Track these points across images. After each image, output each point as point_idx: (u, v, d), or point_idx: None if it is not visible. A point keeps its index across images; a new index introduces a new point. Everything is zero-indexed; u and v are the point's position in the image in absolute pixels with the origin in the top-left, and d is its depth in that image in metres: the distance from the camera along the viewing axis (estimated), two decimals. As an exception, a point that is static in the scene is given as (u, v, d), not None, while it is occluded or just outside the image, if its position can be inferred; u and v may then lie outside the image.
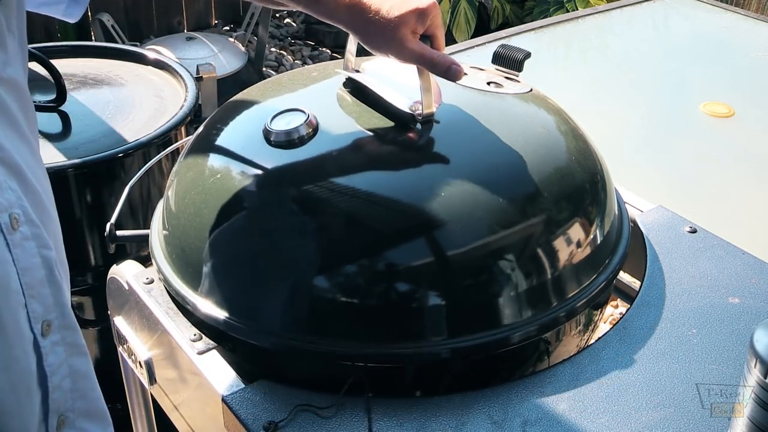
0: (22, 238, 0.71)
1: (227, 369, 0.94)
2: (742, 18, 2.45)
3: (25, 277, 0.72)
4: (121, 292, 1.10)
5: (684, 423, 0.85)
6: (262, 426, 0.84)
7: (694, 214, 1.21)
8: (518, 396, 0.88)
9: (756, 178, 1.69)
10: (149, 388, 1.11)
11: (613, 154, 1.79)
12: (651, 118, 1.95)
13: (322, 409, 0.86)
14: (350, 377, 0.87)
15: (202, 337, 0.97)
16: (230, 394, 0.88)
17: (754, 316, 1.00)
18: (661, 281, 1.06)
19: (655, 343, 0.96)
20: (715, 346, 0.96)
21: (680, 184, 1.67)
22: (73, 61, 1.96)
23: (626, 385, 0.90)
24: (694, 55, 2.27)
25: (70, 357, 0.79)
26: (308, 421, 0.85)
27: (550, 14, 4.07)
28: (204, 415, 0.98)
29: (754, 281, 1.06)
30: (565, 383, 0.90)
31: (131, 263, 1.12)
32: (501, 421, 0.85)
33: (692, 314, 1.00)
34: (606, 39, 2.42)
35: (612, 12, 2.46)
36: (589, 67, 2.26)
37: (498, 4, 4.46)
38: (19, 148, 0.73)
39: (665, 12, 2.50)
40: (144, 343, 1.08)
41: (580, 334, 1.07)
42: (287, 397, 0.87)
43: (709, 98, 1.96)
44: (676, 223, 1.17)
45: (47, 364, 0.76)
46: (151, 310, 1.03)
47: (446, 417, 0.85)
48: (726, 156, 1.79)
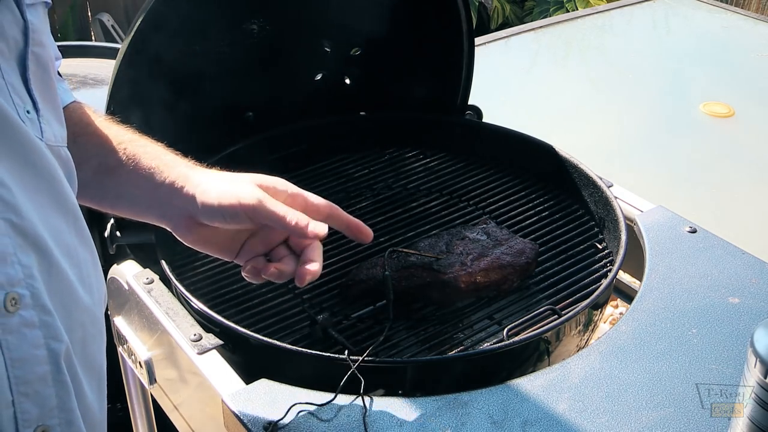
0: (22, 323, 0.60)
1: (227, 369, 0.94)
2: (742, 18, 2.45)
3: (18, 370, 0.60)
4: (121, 292, 1.10)
5: (684, 423, 0.85)
6: (262, 426, 0.84)
7: (694, 214, 1.21)
8: (518, 396, 0.88)
9: (756, 178, 1.69)
10: (149, 388, 1.11)
11: (614, 154, 1.79)
12: (651, 118, 1.95)
13: (321, 408, 0.86)
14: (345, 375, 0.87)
15: (202, 337, 0.97)
16: (230, 394, 0.88)
17: (754, 316, 1.00)
18: (661, 281, 1.06)
19: (655, 343, 0.96)
20: (715, 346, 0.96)
21: (680, 184, 1.67)
22: (73, 61, 1.96)
23: (626, 385, 0.90)
24: (694, 55, 2.27)
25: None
26: (308, 421, 0.85)
27: (550, 14, 4.07)
28: (204, 415, 0.98)
29: (754, 281, 1.06)
30: (565, 383, 0.90)
31: (131, 263, 1.12)
32: (501, 421, 0.85)
33: (692, 314, 1.00)
34: (606, 39, 2.42)
35: (612, 12, 2.46)
36: (589, 67, 2.27)
37: (498, 4, 4.46)
38: (50, 220, 0.63)
39: (665, 12, 2.50)
40: (144, 343, 1.08)
41: (580, 334, 1.07)
42: (287, 397, 0.87)
43: (709, 98, 1.96)
44: (676, 223, 1.17)
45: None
46: (151, 310, 1.03)
47: (446, 417, 0.85)
48: (726, 156, 1.79)
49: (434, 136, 1.47)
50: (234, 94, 1.33)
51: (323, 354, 0.94)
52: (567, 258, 1.18)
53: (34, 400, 0.61)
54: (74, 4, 3.96)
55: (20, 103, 0.62)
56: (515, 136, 1.39)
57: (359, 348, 0.98)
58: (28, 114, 0.63)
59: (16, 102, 0.62)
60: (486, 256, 1.11)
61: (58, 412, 0.64)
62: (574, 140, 1.59)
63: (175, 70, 1.21)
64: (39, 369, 0.61)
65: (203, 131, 1.27)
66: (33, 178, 0.62)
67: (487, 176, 1.39)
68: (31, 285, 0.61)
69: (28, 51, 0.64)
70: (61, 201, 0.65)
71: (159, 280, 1.08)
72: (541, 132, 1.39)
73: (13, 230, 0.59)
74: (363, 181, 1.39)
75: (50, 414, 0.63)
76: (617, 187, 1.27)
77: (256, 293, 1.11)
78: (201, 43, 1.22)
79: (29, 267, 0.61)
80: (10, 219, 0.59)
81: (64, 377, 0.64)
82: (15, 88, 0.62)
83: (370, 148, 1.46)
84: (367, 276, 1.10)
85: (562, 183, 1.32)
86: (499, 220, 1.27)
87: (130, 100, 1.15)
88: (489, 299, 1.12)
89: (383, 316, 1.07)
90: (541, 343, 1.00)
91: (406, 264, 1.11)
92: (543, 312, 1.06)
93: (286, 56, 1.36)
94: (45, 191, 0.63)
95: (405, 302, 1.09)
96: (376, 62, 1.46)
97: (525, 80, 2.17)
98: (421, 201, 1.34)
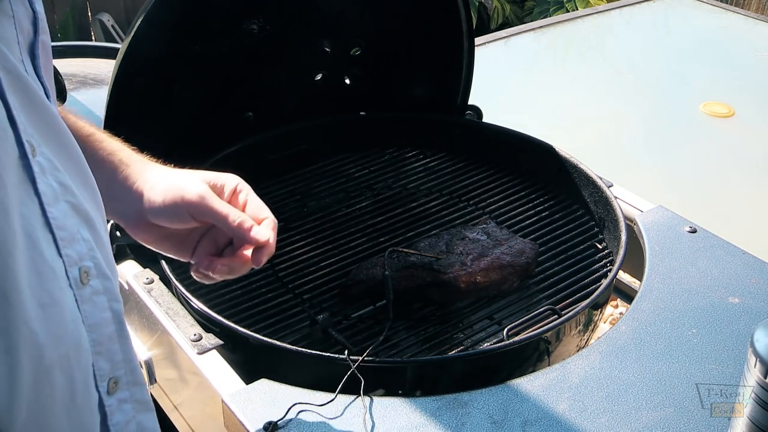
0: (93, 292, 0.66)
1: (227, 369, 0.94)
2: (742, 18, 2.45)
3: (94, 334, 0.66)
4: (121, 292, 1.09)
5: (684, 423, 0.85)
6: (262, 426, 0.84)
7: (694, 214, 1.21)
8: (518, 396, 0.88)
9: (756, 178, 1.69)
10: (149, 388, 1.11)
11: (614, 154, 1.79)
12: (651, 118, 1.95)
13: (321, 408, 0.86)
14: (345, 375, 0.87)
15: (202, 337, 0.97)
16: (230, 394, 0.88)
17: (754, 316, 1.00)
18: (661, 281, 1.06)
19: (655, 343, 0.96)
20: (715, 346, 0.96)
21: (680, 184, 1.67)
22: (73, 61, 1.96)
23: (626, 385, 0.90)
24: (694, 55, 2.27)
25: (139, 414, 0.74)
26: (308, 421, 0.85)
27: (550, 14, 4.07)
28: (204, 415, 0.98)
29: (754, 281, 1.06)
30: (565, 383, 0.90)
31: (131, 263, 1.12)
32: (501, 421, 0.85)
33: (692, 314, 1.00)
34: (606, 39, 2.42)
35: (612, 12, 2.46)
36: (589, 66, 2.27)
37: (498, 4, 4.46)
38: (86, 197, 0.67)
39: (665, 12, 2.50)
40: (144, 343, 1.08)
41: (580, 334, 1.07)
42: (287, 397, 0.87)
43: (709, 98, 1.96)
44: (676, 223, 1.17)
45: (112, 423, 0.71)
46: (151, 310, 1.03)
47: (446, 417, 0.85)
48: (726, 156, 1.79)
49: (434, 136, 1.47)
50: (234, 94, 1.33)
51: (323, 354, 0.94)
52: (567, 258, 1.18)
53: (106, 357, 0.68)
54: (74, 4, 3.96)
55: (41, 91, 0.64)
56: (515, 136, 1.39)
57: (359, 348, 0.98)
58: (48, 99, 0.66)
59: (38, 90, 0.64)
60: (486, 256, 1.11)
61: (124, 364, 0.71)
62: (574, 140, 1.59)
63: (175, 70, 1.22)
64: (107, 329, 0.68)
65: (203, 131, 1.27)
66: (67, 158, 0.66)
67: (487, 176, 1.40)
68: (94, 256, 0.66)
69: (38, 40, 0.65)
70: (88, 180, 0.69)
71: (159, 280, 1.08)
72: (541, 132, 1.39)
73: (73, 210, 0.64)
74: (363, 181, 1.39)
75: (118, 366, 0.70)
76: (617, 187, 1.27)
77: (256, 293, 1.11)
78: (201, 43, 1.22)
79: (89, 241, 0.66)
80: (70, 201, 0.64)
81: (125, 332, 0.71)
82: (35, 79, 0.63)
83: (370, 148, 1.46)
84: (367, 276, 1.10)
85: (562, 183, 1.32)
86: (499, 220, 1.27)
87: (130, 99, 1.15)
88: (489, 299, 1.12)
89: (383, 316, 1.07)
90: (541, 343, 1.00)
91: (406, 264, 1.11)
92: (543, 312, 1.06)
93: (286, 56, 1.36)
94: (75, 168, 0.67)
95: (405, 302, 1.09)
96: (376, 62, 1.46)
97: (525, 80, 2.17)
98: (421, 201, 1.35)
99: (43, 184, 0.61)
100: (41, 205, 0.61)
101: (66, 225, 0.63)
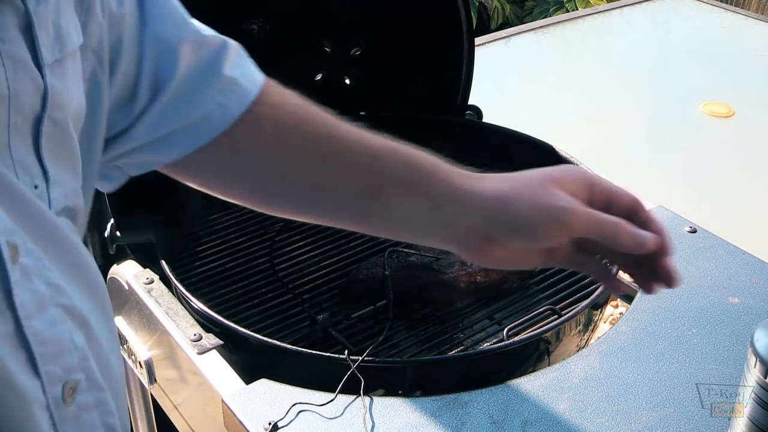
0: (80, 409, 0.56)
1: (227, 369, 0.94)
2: (742, 18, 2.45)
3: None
4: (121, 292, 1.10)
5: (684, 423, 0.85)
6: (262, 426, 0.84)
7: (694, 214, 1.21)
8: (518, 396, 0.88)
9: (756, 178, 1.69)
10: (149, 388, 1.11)
11: (613, 154, 1.79)
12: (651, 118, 1.95)
13: (321, 408, 0.86)
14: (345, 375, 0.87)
15: (202, 337, 0.97)
16: (230, 394, 0.88)
17: (754, 316, 1.00)
18: (661, 281, 1.06)
19: (655, 343, 0.96)
20: (715, 346, 0.96)
21: (680, 184, 1.67)
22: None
23: (626, 385, 0.90)
24: (694, 55, 2.27)
25: None
26: (308, 421, 0.85)
27: (550, 14, 4.07)
28: (204, 415, 0.98)
29: (754, 281, 1.06)
30: (565, 383, 0.90)
31: (131, 263, 1.12)
32: (501, 421, 0.85)
33: (692, 314, 1.00)
34: (606, 39, 2.42)
35: (612, 12, 2.47)
36: (589, 67, 2.27)
37: (498, 4, 4.46)
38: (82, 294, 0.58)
39: (665, 12, 2.50)
40: (144, 343, 1.08)
41: (580, 334, 1.07)
42: (287, 397, 0.87)
43: (709, 98, 1.96)
44: (676, 223, 1.17)
45: None
46: (151, 310, 1.03)
47: (446, 417, 0.85)
48: (726, 156, 1.79)
49: (434, 136, 1.47)
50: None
51: (323, 354, 0.94)
52: (567, 258, 1.18)
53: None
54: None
55: (28, 178, 0.56)
56: (515, 136, 1.39)
57: (359, 348, 0.98)
58: (36, 189, 0.57)
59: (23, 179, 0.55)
60: (486, 256, 1.11)
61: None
62: (574, 140, 1.58)
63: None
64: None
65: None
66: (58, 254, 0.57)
67: (487, 176, 1.39)
68: (86, 367, 0.57)
69: (44, 116, 0.56)
70: (82, 270, 0.60)
71: (159, 280, 1.08)
72: (541, 132, 1.39)
73: (66, 314, 0.55)
74: (363, 181, 1.39)
75: None
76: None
77: (256, 293, 1.11)
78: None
79: (83, 348, 0.57)
80: (62, 303, 0.55)
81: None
82: (24, 164, 0.55)
83: (370, 148, 1.46)
84: (367, 276, 1.10)
85: (562, 183, 1.31)
86: (499, 220, 1.27)
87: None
88: (489, 299, 1.12)
89: (383, 316, 1.07)
90: (541, 343, 1.00)
91: (406, 264, 1.11)
92: (543, 312, 1.06)
93: (286, 56, 1.35)
94: (66, 259, 0.58)
95: (405, 302, 1.09)
96: (376, 62, 1.46)
97: (525, 80, 2.17)
98: (421, 201, 1.34)
99: (23, 294, 0.51)
100: (16, 320, 0.51)
101: (52, 337, 0.54)
